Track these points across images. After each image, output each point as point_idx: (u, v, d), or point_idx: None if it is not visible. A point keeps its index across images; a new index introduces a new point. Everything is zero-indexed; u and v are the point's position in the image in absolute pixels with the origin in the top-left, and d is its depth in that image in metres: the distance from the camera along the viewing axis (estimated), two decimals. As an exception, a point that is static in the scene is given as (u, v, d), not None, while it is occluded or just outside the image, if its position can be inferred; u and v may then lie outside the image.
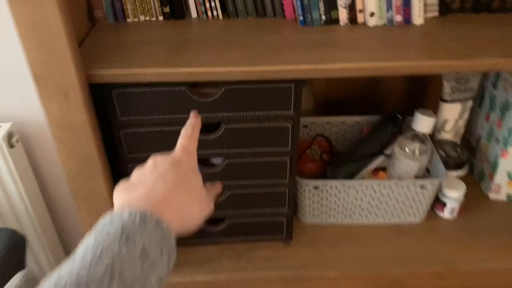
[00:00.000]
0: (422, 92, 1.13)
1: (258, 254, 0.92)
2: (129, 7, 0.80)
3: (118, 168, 0.80)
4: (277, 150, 0.80)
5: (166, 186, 0.46)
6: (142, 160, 0.76)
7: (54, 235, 1.22)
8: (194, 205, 0.49)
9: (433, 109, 1.03)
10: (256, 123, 0.77)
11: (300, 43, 0.73)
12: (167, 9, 0.81)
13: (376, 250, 0.94)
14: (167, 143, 0.61)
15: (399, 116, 1.04)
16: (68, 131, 0.66)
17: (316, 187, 0.92)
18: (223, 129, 0.77)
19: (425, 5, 0.78)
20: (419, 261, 0.91)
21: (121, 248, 0.37)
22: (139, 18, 0.81)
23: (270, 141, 0.79)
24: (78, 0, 0.76)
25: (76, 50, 0.61)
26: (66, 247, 1.29)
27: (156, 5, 0.80)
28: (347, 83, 1.12)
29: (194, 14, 0.82)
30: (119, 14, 0.80)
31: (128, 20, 0.81)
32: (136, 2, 0.80)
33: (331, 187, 0.92)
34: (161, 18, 0.82)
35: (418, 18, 0.77)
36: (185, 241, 0.48)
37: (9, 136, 1.00)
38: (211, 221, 0.90)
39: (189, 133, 0.57)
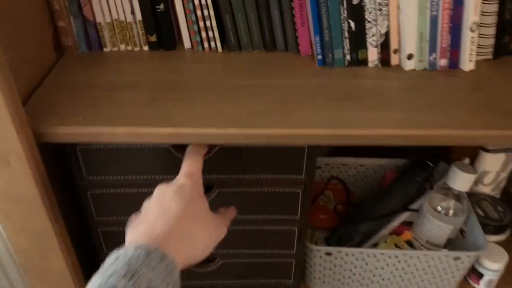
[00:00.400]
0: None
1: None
2: (106, 34, 0.64)
3: (88, 231, 0.65)
4: (283, 218, 0.65)
5: (168, 218, 0.45)
6: (115, 224, 0.62)
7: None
8: (200, 233, 0.48)
9: (470, 155, 0.87)
10: (258, 188, 0.61)
11: (317, 93, 0.57)
12: (153, 38, 0.65)
13: (396, 327, 0.79)
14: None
15: (430, 163, 0.87)
16: (13, 203, 0.52)
17: (328, 254, 0.76)
18: (216, 192, 0.62)
19: (478, 46, 0.62)
20: None
21: (128, 285, 0.37)
22: (118, 48, 0.66)
23: (275, 208, 0.64)
24: (38, 27, 0.60)
25: (17, 109, 0.46)
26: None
27: (140, 33, 0.65)
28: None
29: (187, 44, 0.66)
30: (94, 43, 0.65)
31: (106, 49, 0.66)
32: (115, 28, 0.64)
33: (346, 254, 0.76)
34: (146, 48, 0.66)
35: (468, 63, 0.61)
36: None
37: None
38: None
39: (193, 157, 0.53)
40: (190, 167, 0.52)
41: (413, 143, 0.51)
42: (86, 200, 0.61)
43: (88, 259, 0.66)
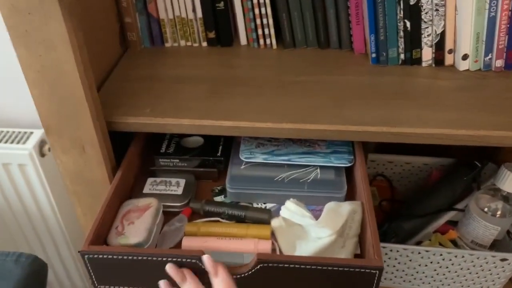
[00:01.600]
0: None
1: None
2: (168, 30, 0.68)
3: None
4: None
5: None
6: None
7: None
8: None
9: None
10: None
11: (370, 90, 0.58)
12: (212, 35, 0.68)
13: (437, 324, 0.79)
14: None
15: (478, 164, 0.87)
16: (84, 186, 0.56)
17: (372, 248, 0.78)
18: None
19: (535, 47, 0.61)
20: None
21: None
22: (179, 43, 0.70)
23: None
24: (108, 22, 0.65)
25: (95, 98, 0.50)
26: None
27: (200, 30, 0.68)
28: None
29: (243, 41, 0.69)
30: (157, 38, 0.69)
31: (167, 44, 0.70)
32: (177, 25, 0.68)
33: (391, 250, 0.77)
34: (204, 44, 0.70)
35: (524, 64, 0.61)
36: None
37: (41, 145, 0.93)
38: None
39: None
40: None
41: (465, 143, 0.52)
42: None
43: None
